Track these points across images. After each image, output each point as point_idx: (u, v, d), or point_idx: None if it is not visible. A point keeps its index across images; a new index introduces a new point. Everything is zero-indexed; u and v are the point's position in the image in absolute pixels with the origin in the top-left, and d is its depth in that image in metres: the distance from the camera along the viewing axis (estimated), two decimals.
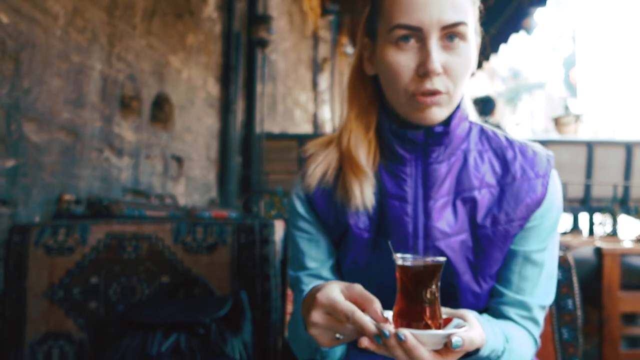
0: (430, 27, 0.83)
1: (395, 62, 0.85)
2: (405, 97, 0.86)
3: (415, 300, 0.72)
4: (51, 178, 1.83)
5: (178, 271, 1.53)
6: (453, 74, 0.85)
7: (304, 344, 0.91)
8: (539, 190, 0.92)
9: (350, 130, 0.95)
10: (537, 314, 0.94)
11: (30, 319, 1.52)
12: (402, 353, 0.70)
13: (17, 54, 1.64)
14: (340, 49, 8.58)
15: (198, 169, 3.35)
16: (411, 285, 0.72)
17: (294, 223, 1.00)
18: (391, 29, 0.85)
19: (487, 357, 0.82)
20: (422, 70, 0.83)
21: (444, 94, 0.85)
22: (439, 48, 0.84)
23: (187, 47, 3.11)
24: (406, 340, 0.68)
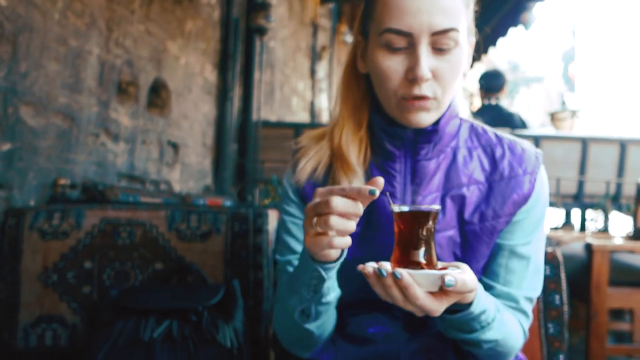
0: (420, 33, 0.83)
1: (385, 65, 0.86)
2: (394, 100, 0.88)
3: (411, 246, 0.76)
4: (47, 162, 1.83)
5: (171, 258, 1.54)
6: (442, 79, 0.85)
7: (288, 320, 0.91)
8: (525, 187, 0.93)
9: (342, 127, 0.96)
10: (524, 305, 0.95)
11: (24, 302, 1.53)
12: (398, 292, 0.73)
13: (14, 37, 1.64)
14: (339, 38, 8.54)
15: (194, 155, 3.35)
16: (407, 231, 0.76)
17: (285, 208, 1.01)
18: (381, 32, 0.85)
19: (478, 319, 0.83)
20: (410, 75, 0.84)
21: (432, 99, 0.86)
22: (428, 53, 0.84)
23: (186, 33, 3.10)
24: (402, 278, 0.71)
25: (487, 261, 0.96)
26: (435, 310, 0.75)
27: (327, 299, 0.87)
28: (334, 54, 8.35)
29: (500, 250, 0.95)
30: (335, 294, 0.89)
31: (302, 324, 0.89)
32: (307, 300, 0.86)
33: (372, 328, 0.97)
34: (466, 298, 0.79)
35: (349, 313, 1.00)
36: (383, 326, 0.97)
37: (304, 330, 0.91)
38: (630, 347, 2.64)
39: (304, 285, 0.85)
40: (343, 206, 0.73)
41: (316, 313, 0.88)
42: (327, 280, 0.83)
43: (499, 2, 4.64)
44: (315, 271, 0.82)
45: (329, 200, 0.73)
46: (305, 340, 0.95)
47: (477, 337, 0.85)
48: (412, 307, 0.74)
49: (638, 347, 2.63)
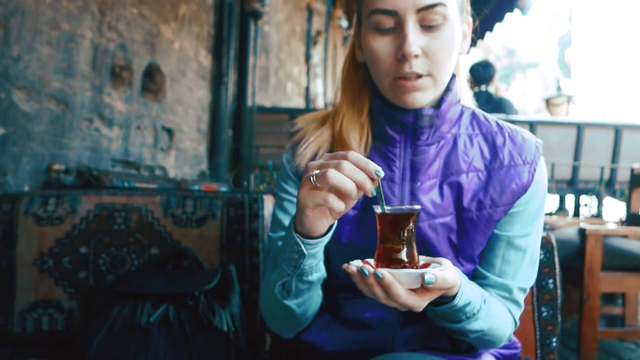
0: (405, 11, 0.83)
1: (375, 47, 0.86)
2: (387, 81, 0.88)
3: (393, 245, 0.78)
4: (40, 147, 1.82)
5: (167, 243, 1.54)
6: (434, 56, 0.85)
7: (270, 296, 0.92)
8: (525, 177, 0.93)
9: (342, 114, 0.96)
10: (517, 295, 0.97)
11: (19, 287, 1.53)
12: (380, 290, 0.75)
13: (6, 20, 1.61)
14: (334, 22, 8.48)
15: (188, 141, 3.34)
16: (389, 230, 0.78)
17: (283, 186, 1.01)
18: (369, 14, 0.86)
19: (463, 310, 0.85)
20: (399, 53, 0.84)
21: (426, 77, 0.86)
22: (417, 31, 0.84)
23: (179, 17, 3.07)
24: (384, 277, 0.73)
25: (484, 251, 0.96)
26: (417, 306, 0.77)
27: (308, 277, 0.87)
28: (329, 38, 8.30)
29: (497, 240, 0.95)
30: (319, 275, 0.89)
31: (281, 300, 0.89)
32: (287, 275, 0.86)
33: (368, 313, 0.98)
34: (449, 291, 0.80)
35: (344, 296, 1.00)
36: (379, 311, 0.97)
37: (285, 307, 0.91)
38: (622, 331, 2.68)
39: (285, 260, 0.85)
40: (351, 169, 0.73)
41: (296, 290, 0.88)
42: (308, 258, 0.84)
43: None
44: (296, 245, 0.82)
45: (339, 162, 0.73)
46: (287, 319, 0.95)
47: (463, 327, 0.87)
48: (394, 304, 0.76)
49: (630, 331, 2.67)
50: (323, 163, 0.75)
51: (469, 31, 0.95)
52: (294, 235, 0.82)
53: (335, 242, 0.95)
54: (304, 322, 0.97)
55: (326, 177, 0.72)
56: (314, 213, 0.78)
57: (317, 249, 0.84)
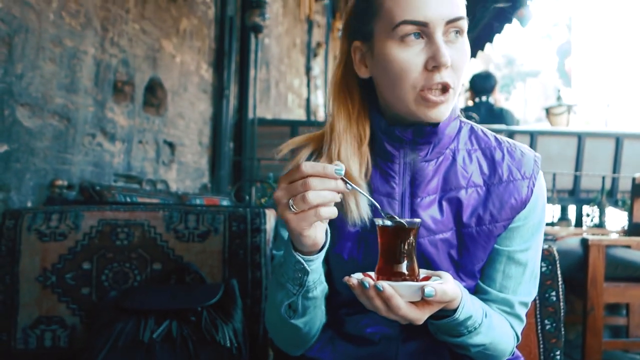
0: (436, 22, 0.84)
1: (402, 58, 0.86)
2: (412, 94, 0.86)
3: (393, 258, 0.79)
4: (43, 163, 1.83)
5: (170, 258, 1.55)
6: (457, 67, 0.86)
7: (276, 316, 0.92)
8: (524, 192, 0.94)
9: (339, 144, 0.93)
10: (519, 310, 0.97)
11: (22, 303, 1.53)
12: (380, 303, 0.76)
13: (10, 38, 1.63)
14: (334, 34, 8.52)
15: (190, 154, 3.35)
16: (389, 243, 0.79)
17: None
18: (395, 26, 0.85)
19: (464, 324, 0.85)
20: (432, 63, 0.84)
21: (450, 89, 0.86)
22: (443, 42, 0.85)
23: (181, 31, 3.09)
24: (384, 290, 0.74)
25: (485, 265, 0.96)
26: (418, 319, 0.77)
27: (313, 293, 0.87)
28: (329, 50, 8.34)
29: (498, 255, 0.95)
30: (322, 288, 0.89)
31: (288, 320, 0.90)
32: (293, 295, 0.86)
33: (370, 328, 0.98)
34: (450, 305, 0.81)
35: (346, 312, 1.00)
36: (381, 326, 0.97)
37: (292, 326, 0.91)
38: (627, 342, 2.66)
39: (289, 280, 0.86)
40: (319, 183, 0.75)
41: (303, 308, 0.89)
42: (311, 273, 0.84)
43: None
44: (297, 263, 0.83)
45: (305, 181, 0.74)
46: (294, 338, 0.95)
47: (465, 341, 0.87)
48: (395, 317, 0.77)
49: (634, 342, 2.66)
50: (288, 187, 0.76)
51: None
52: (294, 254, 0.82)
53: (336, 259, 0.96)
54: (311, 339, 0.97)
55: (307, 201, 0.74)
56: (311, 231, 0.79)
57: (317, 262, 0.84)
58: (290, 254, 0.83)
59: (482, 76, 4.35)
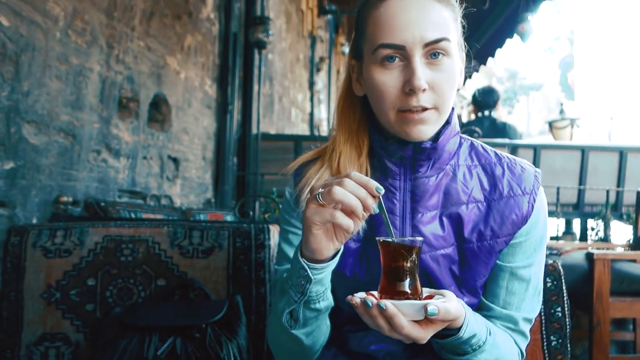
0: (413, 45, 0.85)
1: (381, 81, 0.88)
2: (392, 114, 0.89)
3: (396, 276, 0.79)
4: (49, 180, 1.84)
5: (174, 274, 1.55)
6: (439, 89, 0.87)
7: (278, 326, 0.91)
8: (525, 208, 0.94)
9: (339, 153, 0.96)
10: (523, 326, 0.96)
11: (27, 320, 1.53)
12: (383, 322, 0.75)
13: (17, 56, 1.65)
14: (337, 49, 8.59)
15: (194, 169, 3.36)
16: (392, 262, 0.79)
17: (287, 218, 1.02)
18: (375, 49, 0.87)
19: (469, 343, 0.85)
20: (407, 87, 0.85)
21: (432, 109, 0.88)
22: (423, 65, 0.86)
23: (185, 48, 3.12)
24: (387, 309, 0.74)
25: (487, 282, 0.97)
26: (422, 338, 0.77)
27: (316, 305, 0.87)
28: (332, 65, 8.40)
29: (500, 272, 0.95)
30: (326, 304, 0.89)
31: (289, 329, 0.89)
32: (295, 302, 0.86)
33: (374, 345, 0.97)
34: (453, 324, 0.81)
35: (349, 329, 1.00)
36: (385, 343, 0.97)
37: (293, 337, 0.91)
38: (634, 357, 2.64)
39: (292, 286, 0.86)
40: (353, 186, 0.76)
41: (304, 318, 0.88)
42: (315, 284, 0.84)
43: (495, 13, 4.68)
44: (302, 269, 0.82)
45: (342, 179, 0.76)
46: (295, 351, 0.94)
47: (469, 359, 0.87)
48: (399, 336, 0.76)
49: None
50: (326, 182, 0.78)
51: (463, 67, 0.97)
52: (300, 259, 0.83)
53: (338, 275, 0.96)
54: (313, 355, 0.97)
55: (331, 193, 0.75)
56: (321, 232, 0.79)
57: (323, 274, 0.84)
58: (296, 259, 0.84)
59: (485, 91, 4.37)
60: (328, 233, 0.80)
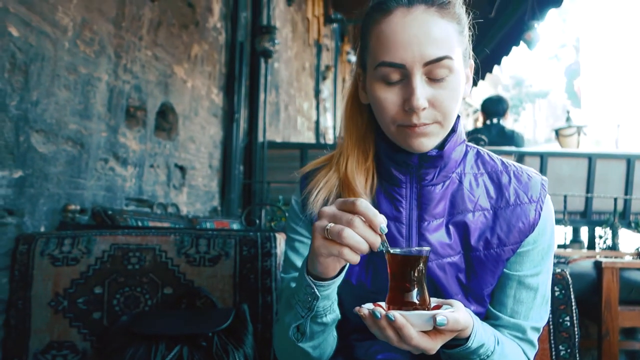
0: (413, 64, 0.84)
1: (382, 97, 0.88)
2: (393, 128, 0.89)
3: (404, 287, 0.79)
4: (57, 188, 1.85)
5: (181, 283, 1.55)
6: (441, 106, 0.87)
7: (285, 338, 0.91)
8: (532, 216, 0.94)
9: (347, 157, 0.97)
10: (531, 335, 0.96)
11: (34, 328, 1.54)
12: (392, 333, 0.75)
13: (26, 66, 1.67)
14: (343, 57, 8.62)
15: (201, 177, 3.37)
16: (399, 273, 0.79)
17: (293, 227, 1.02)
18: (376, 66, 0.88)
19: (477, 352, 0.85)
20: (407, 106, 0.86)
21: (433, 124, 0.88)
22: (423, 83, 0.86)
23: (192, 57, 3.14)
24: (395, 320, 0.74)
25: (495, 290, 0.96)
26: (431, 349, 0.77)
27: (323, 319, 0.87)
28: (338, 73, 8.43)
29: (508, 280, 0.95)
30: (333, 317, 0.89)
31: (296, 342, 0.89)
32: (301, 317, 0.86)
33: (381, 355, 0.97)
34: (462, 333, 0.80)
35: (356, 337, 1.00)
36: (392, 353, 0.97)
37: (300, 350, 0.91)
38: None
39: (299, 302, 0.86)
40: (362, 229, 0.75)
41: (311, 332, 0.88)
42: (322, 300, 0.84)
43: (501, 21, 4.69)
44: (308, 287, 0.83)
45: (351, 219, 0.75)
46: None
47: None
48: (407, 347, 0.76)
49: None
50: (336, 214, 0.77)
51: (471, 74, 0.97)
52: (306, 277, 0.82)
53: (345, 284, 0.96)
54: None
55: (342, 237, 0.74)
56: (327, 260, 0.79)
57: (329, 290, 0.84)
58: (302, 277, 0.84)
59: (494, 100, 4.37)
60: (334, 259, 0.80)
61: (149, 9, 2.55)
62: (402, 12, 0.86)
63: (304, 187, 1.00)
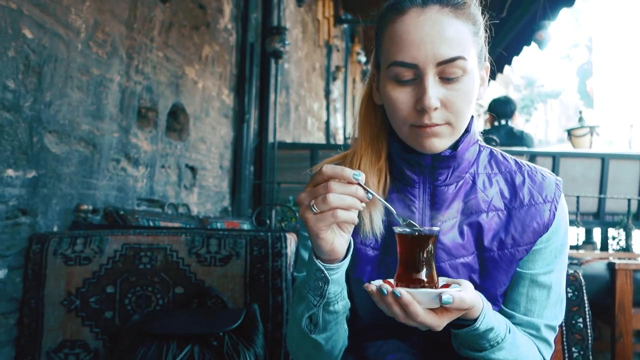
0: (425, 64, 0.84)
1: (394, 97, 0.88)
2: (405, 129, 0.89)
3: (412, 265, 0.80)
4: (69, 188, 1.87)
5: (191, 282, 1.56)
6: (453, 107, 0.86)
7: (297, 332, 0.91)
8: (546, 216, 0.93)
9: (360, 156, 0.97)
10: (546, 334, 0.95)
11: (47, 327, 1.55)
12: (399, 309, 0.76)
13: (40, 68, 1.69)
14: (353, 57, 8.61)
15: (211, 178, 3.39)
16: (409, 252, 0.80)
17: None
18: (388, 65, 0.87)
19: (486, 337, 0.84)
20: (419, 105, 0.85)
21: (445, 125, 0.87)
22: (436, 83, 0.85)
23: (203, 58, 3.16)
24: (402, 297, 0.75)
25: (508, 290, 0.96)
26: (437, 326, 0.77)
27: (334, 307, 0.87)
28: (348, 73, 8.42)
29: (521, 279, 0.95)
30: (344, 304, 0.89)
31: (309, 334, 0.89)
32: (314, 306, 0.87)
33: (392, 355, 0.97)
34: (470, 314, 0.81)
35: (366, 337, 1.00)
36: (403, 353, 0.96)
37: (312, 342, 0.91)
38: None
39: (310, 290, 0.86)
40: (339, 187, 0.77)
41: (323, 322, 0.88)
42: (332, 284, 0.85)
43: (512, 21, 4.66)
44: (318, 271, 0.83)
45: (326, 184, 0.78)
46: (315, 356, 0.94)
47: (487, 356, 0.86)
48: (414, 323, 0.77)
49: None
50: (312, 191, 0.79)
51: (486, 76, 0.96)
52: (315, 261, 0.83)
53: (356, 283, 0.96)
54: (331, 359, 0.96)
55: (328, 202, 0.77)
56: (328, 234, 0.80)
57: (338, 273, 0.85)
58: (311, 262, 0.84)
59: (501, 101, 4.34)
60: (334, 231, 0.81)
61: (160, 11, 2.56)
62: (416, 11, 0.86)
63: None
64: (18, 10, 1.58)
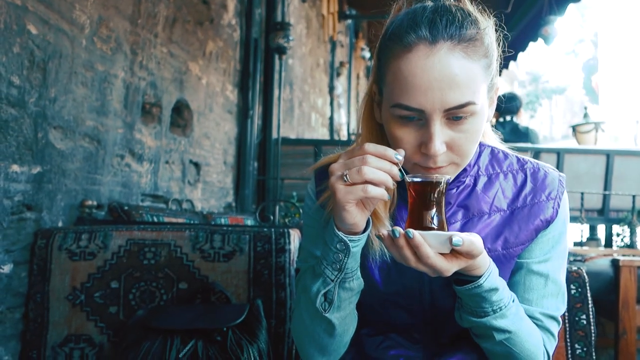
0: (432, 111, 0.79)
1: (398, 136, 0.84)
2: (409, 165, 0.87)
3: (422, 212, 0.81)
4: (74, 184, 1.88)
5: (195, 278, 1.57)
6: (458, 149, 0.83)
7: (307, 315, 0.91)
8: (549, 213, 0.93)
9: None
10: (547, 324, 0.94)
11: (52, 322, 1.57)
12: (409, 252, 0.77)
13: (44, 64, 1.69)
14: (357, 53, 8.59)
15: (215, 174, 3.39)
16: (419, 199, 0.81)
17: (309, 214, 1.01)
18: (392, 105, 0.83)
19: (490, 301, 0.84)
20: (424, 149, 0.82)
21: (450, 165, 0.85)
22: (442, 125, 0.81)
23: (207, 54, 3.16)
24: (413, 237, 0.75)
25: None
26: (446, 270, 0.77)
27: (350, 284, 0.87)
28: (352, 69, 8.40)
29: (518, 268, 0.94)
30: (358, 283, 0.89)
31: (323, 313, 0.88)
32: (332, 281, 0.86)
33: (393, 351, 0.97)
34: (476, 270, 0.81)
35: (367, 332, 1.00)
36: (404, 349, 0.97)
37: (326, 324, 0.90)
38: None
39: (328, 265, 0.86)
40: (376, 161, 0.77)
41: (339, 300, 0.88)
42: (352, 258, 0.84)
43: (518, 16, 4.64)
44: (340, 243, 0.83)
45: (364, 156, 0.77)
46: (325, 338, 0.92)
47: (489, 322, 0.85)
48: (424, 267, 0.77)
49: None
50: (347, 162, 0.79)
51: (495, 97, 0.92)
52: (338, 233, 0.83)
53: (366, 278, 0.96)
54: (340, 348, 0.95)
55: (362, 173, 0.76)
56: (355, 208, 0.80)
57: (359, 245, 0.85)
58: (332, 235, 0.84)
59: (507, 97, 4.31)
60: (359, 205, 0.81)
61: (164, 6, 2.56)
62: (424, 50, 0.79)
63: (321, 179, 0.98)
64: (23, 6, 1.58)
